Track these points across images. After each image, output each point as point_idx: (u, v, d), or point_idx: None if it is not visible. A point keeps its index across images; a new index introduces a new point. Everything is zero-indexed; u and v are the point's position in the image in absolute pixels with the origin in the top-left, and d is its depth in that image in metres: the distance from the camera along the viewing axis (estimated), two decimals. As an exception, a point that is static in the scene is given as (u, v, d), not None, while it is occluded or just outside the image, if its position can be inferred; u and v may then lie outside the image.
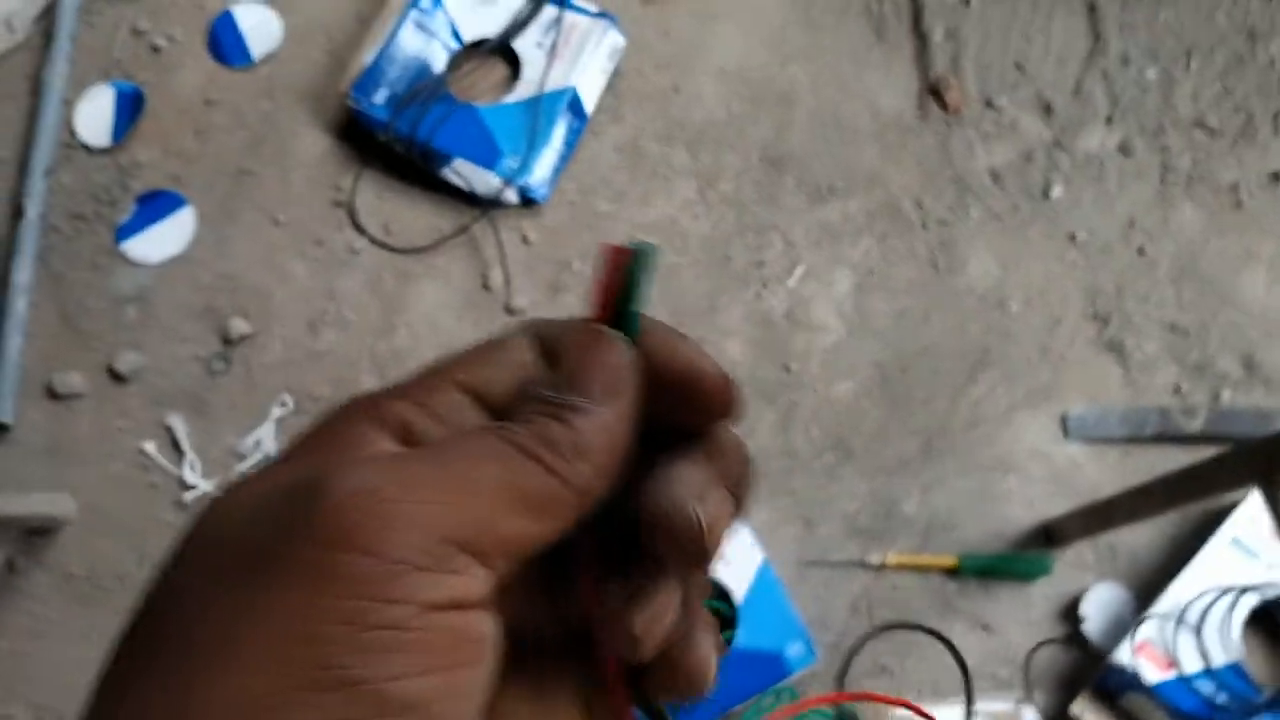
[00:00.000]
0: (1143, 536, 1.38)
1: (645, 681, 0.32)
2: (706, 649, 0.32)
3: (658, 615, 0.30)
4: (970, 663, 1.35)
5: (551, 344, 0.31)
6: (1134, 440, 1.41)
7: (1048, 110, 1.56)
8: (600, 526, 0.30)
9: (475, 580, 0.26)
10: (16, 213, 1.62)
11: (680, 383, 0.30)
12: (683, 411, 0.31)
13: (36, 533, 1.48)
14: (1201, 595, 1.30)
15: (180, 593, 0.26)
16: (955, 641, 1.36)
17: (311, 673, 0.24)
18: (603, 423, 0.29)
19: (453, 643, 0.26)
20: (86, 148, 1.67)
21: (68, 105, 1.69)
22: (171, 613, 0.26)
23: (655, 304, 1.14)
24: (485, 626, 0.27)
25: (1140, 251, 1.48)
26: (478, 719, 0.27)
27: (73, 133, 1.67)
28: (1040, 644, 1.35)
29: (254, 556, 0.25)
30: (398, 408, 0.29)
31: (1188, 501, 1.18)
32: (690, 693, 0.32)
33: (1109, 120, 1.55)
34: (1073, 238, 1.50)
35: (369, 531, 0.25)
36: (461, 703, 0.26)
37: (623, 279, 0.31)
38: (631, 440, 0.30)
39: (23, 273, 1.58)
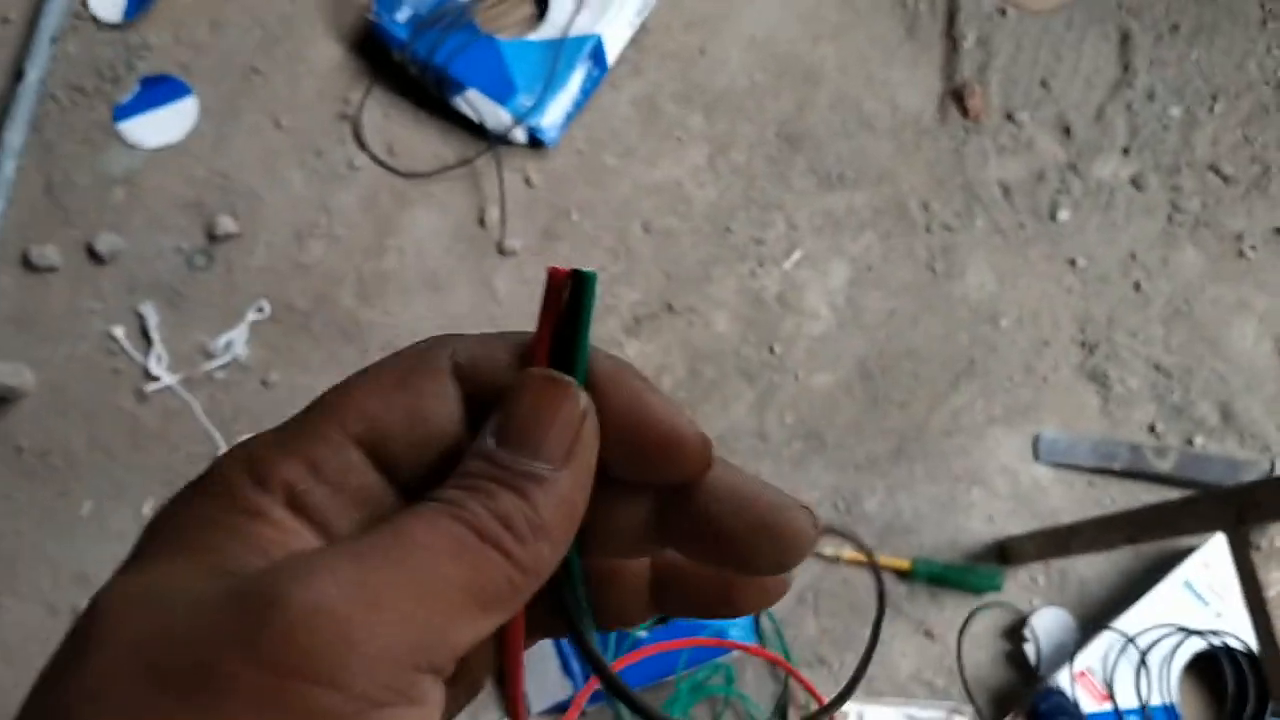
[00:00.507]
0: (1095, 567, 1.38)
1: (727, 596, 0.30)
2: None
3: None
4: (908, 668, 1.35)
5: (477, 379, 0.28)
6: (1101, 471, 1.41)
7: (1067, 132, 1.55)
8: None
9: (434, 708, 0.24)
10: (17, 75, 1.58)
11: (654, 441, 0.27)
12: (646, 470, 0.28)
13: (-9, 401, 1.45)
14: (1146, 633, 1.30)
15: (101, 699, 0.22)
16: (897, 646, 1.36)
17: None
18: (563, 494, 0.26)
19: None
20: (96, 21, 1.63)
21: (83, -26, 1.65)
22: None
23: (650, 266, 1.12)
24: None
25: (1137, 286, 1.48)
26: None
27: (85, 4, 1.63)
28: (969, 619, 1.35)
29: (196, 673, 0.22)
30: (282, 468, 0.26)
31: (1150, 539, 1.18)
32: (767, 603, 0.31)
33: (1126, 151, 1.54)
34: (1072, 263, 1.49)
35: (330, 660, 0.22)
36: None
37: (570, 308, 0.27)
38: (587, 505, 0.27)
39: (14, 135, 1.54)
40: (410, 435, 0.27)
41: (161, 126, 1.57)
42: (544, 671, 1.31)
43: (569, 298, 0.27)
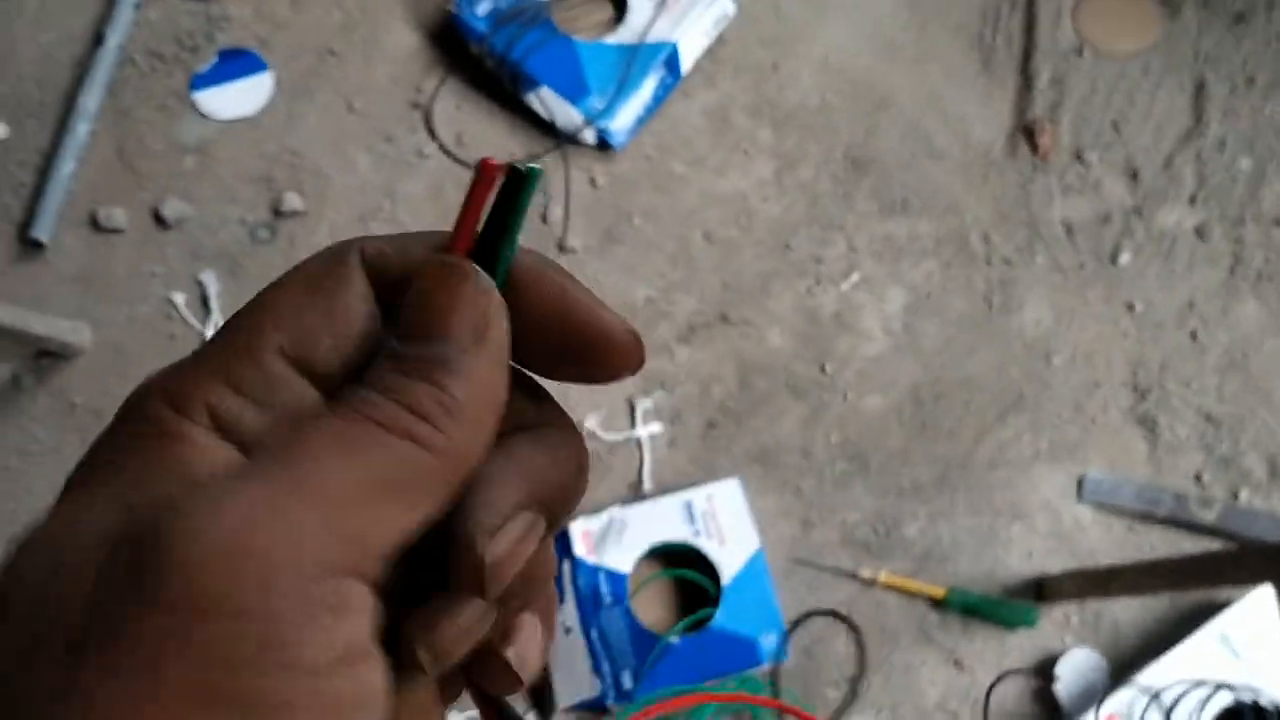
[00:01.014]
0: (1130, 611, 1.38)
1: (469, 671, 0.29)
2: (525, 646, 0.28)
3: (458, 636, 0.26)
4: (934, 696, 1.35)
5: (389, 277, 0.27)
6: (1144, 517, 1.41)
7: (1134, 177, 1.55)
8: None
9: (361, 614, 0.22)
10: (97, 39, 1.60)
11: (580, 339, 0.27)
12: (574, 367, 0.28)
13: (49, 355, 1.47)
14: (1178, 683, 1.30)
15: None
16: (925, 674, 1.36)
17: None
18: (476, 375, 0.25)
19: (348, 710, 0.22)
20: (180, -10, 1.65)
21: (171, -56, 1.68)
22: None
23: (708, 275, 1.13)
24: (378, 677, 0.23)
25: (1193, 335, 1.48)
26: None
27: (170, -28, 1.66)
28: (1003, 675, 1.34)
29: (93, 629, 0.20)
30: (202, 390, 0.24)
31: (1192, 588, 1.18)
32: (507, 687, 0.29)
33: (1192, 200, 1.54)
34: (1130, 307, 1.49)
35: (235, 588, 0.20)
36: None
37: (502, 204, 0.26)
38: (507, 389, 0.26)
39: (90, 98, 1.57)
40: (331, 337, 0.26)
41: (236, 99, 1.59)
42: (573, 668, 1.31)
43: (502, 194, 0.26)
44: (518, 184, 0.26)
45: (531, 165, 0.26)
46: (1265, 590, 1.28)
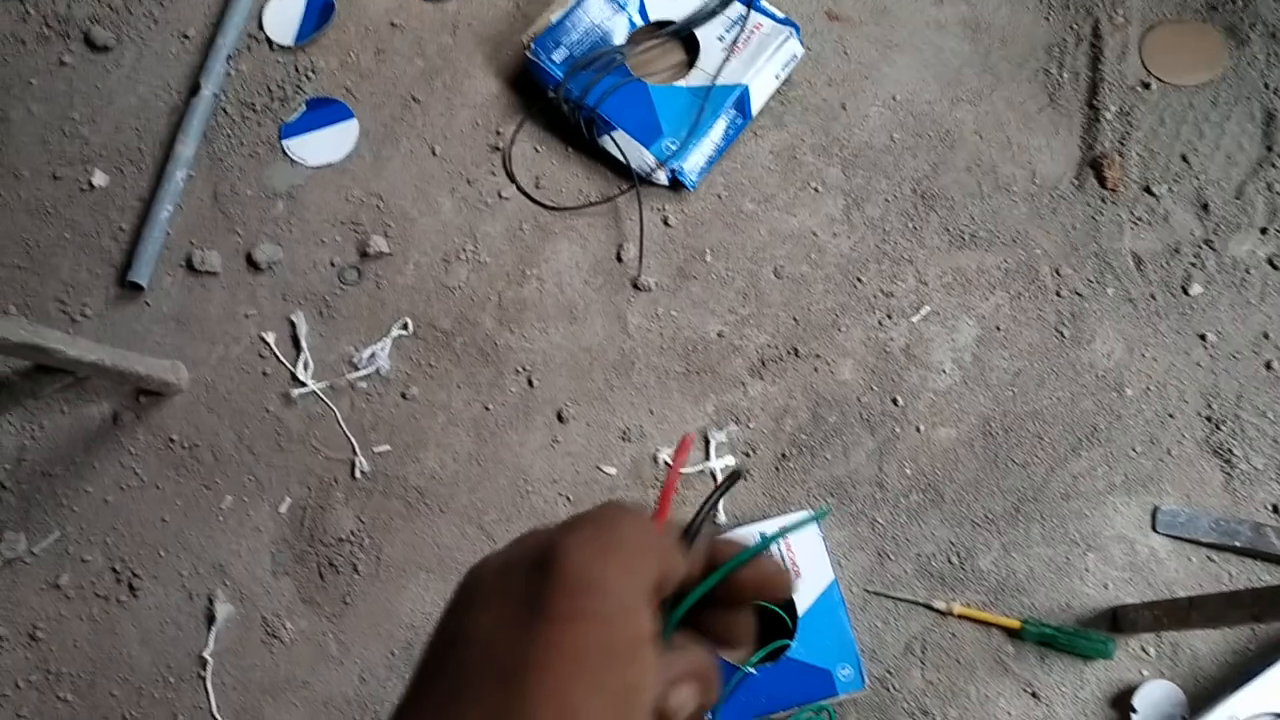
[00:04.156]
0: (1208, 642, 1.38)
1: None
2: None
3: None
4: (1011, 726, 1.36)
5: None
6: (1220, 548, 1.41)
7: (1205, 208, 1.56)
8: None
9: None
10: (194, 89, 1.68)
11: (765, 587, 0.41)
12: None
13: (148, 393, 1.53)
14: (1258, 715, 1.29)
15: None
16: (1002, 704, 1.36)
17: None
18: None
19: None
20: (270, 42, 1.73)
21: (261, -1, 1.75)
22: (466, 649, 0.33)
23: (779, 310, 1.15)
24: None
25: (1268, 366, 1.48)
26: None
27: (261, 26, 1.73)
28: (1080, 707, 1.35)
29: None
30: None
31: (1275, 619, 1.17)
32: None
33: (1264, 231, 1.54)
34: (1203, 337, 1.50)
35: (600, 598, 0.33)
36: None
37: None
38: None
39: (187, 146, 1.64)
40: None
41: (324, 146, 1.66)
42: None
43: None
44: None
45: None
46: (1346, 621, 1.28)
